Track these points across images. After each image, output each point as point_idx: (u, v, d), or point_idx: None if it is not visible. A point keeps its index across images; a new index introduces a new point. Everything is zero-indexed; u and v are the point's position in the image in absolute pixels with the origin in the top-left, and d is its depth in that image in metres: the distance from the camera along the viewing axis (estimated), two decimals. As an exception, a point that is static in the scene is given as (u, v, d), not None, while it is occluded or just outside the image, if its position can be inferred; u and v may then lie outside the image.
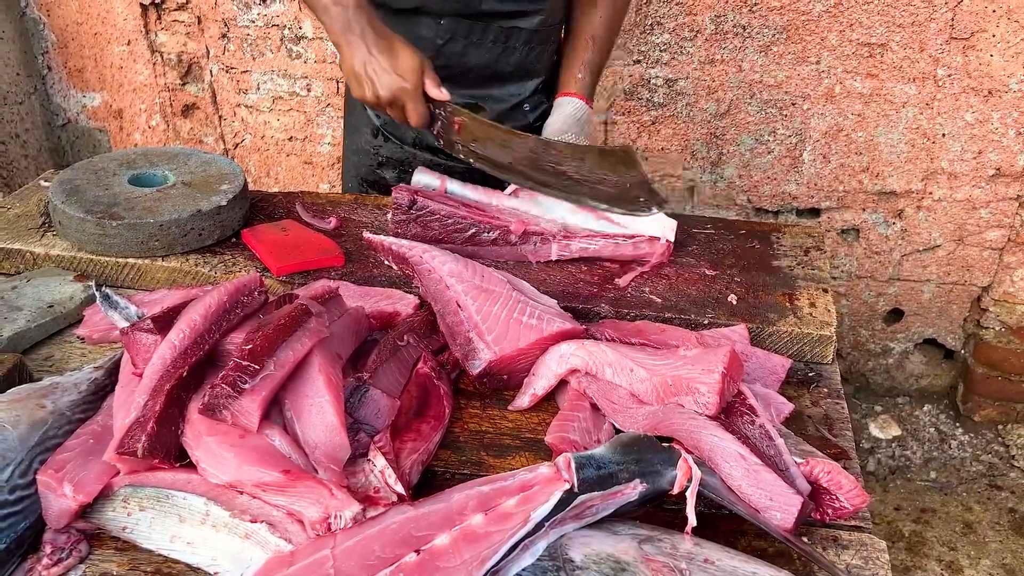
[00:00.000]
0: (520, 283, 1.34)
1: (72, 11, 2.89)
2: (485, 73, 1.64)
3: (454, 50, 1.60)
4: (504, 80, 1.66)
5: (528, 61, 1.66)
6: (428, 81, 1.42)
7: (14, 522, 0.95)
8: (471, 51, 1.61)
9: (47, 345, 1.32)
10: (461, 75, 1.62)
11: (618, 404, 1.13)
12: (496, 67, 1.64)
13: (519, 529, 0.87)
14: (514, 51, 1.63)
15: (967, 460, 2.80)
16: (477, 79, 1.65)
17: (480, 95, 1.66)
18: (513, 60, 1.64)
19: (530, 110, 1.73)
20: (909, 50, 2.45)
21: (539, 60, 1.68)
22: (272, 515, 0.93)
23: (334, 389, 1.03)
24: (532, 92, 1.70)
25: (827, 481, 1.00)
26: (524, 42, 1.63)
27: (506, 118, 1.69)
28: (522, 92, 1.69)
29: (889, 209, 2.69)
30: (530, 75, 1.69)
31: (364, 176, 1.85)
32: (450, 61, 1.60)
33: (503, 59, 1.63)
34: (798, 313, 1.36)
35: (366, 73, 1.40)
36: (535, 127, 1.73)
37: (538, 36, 1.63)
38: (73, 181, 1.55)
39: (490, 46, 1.61)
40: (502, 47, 1.61)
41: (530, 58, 1.66)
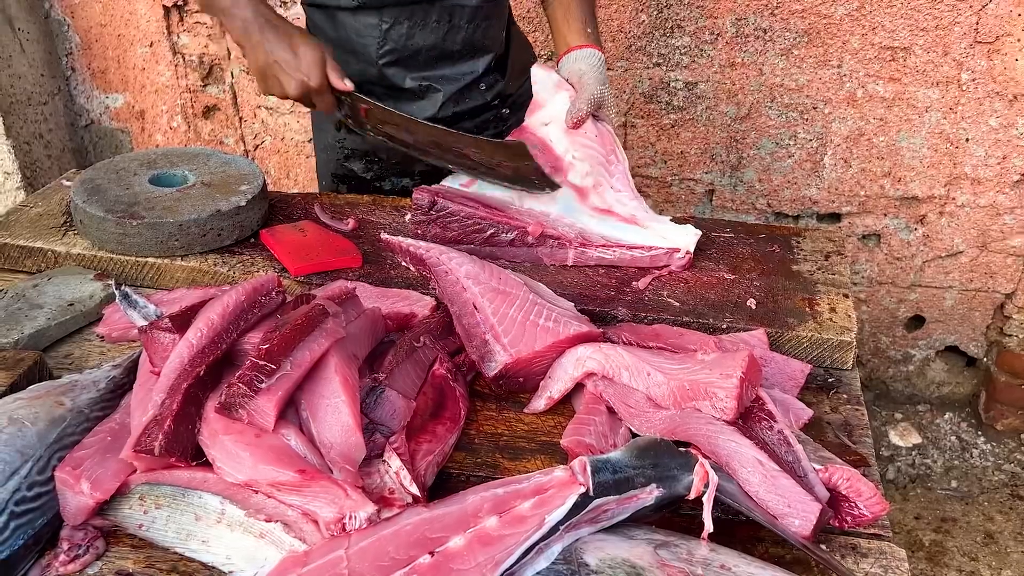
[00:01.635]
0: (537, 285, 1.34)
1: (96, 13, 2.92)
2: (433, 53, 1.66)
3: (400, 33, 1.62)
4: (454, 59, 1.68)
5: (475, 38, 1.67)
6: (332, 74, 1.48)
7: (32, 518, 0.96)
8: (416, 33, 1.62)
9: (67, 343, 1.33)
10: (410, 58, 1.64)
11: (635, 408, 1.12)
12: (444, 46, 1.65)
13: (534, 532, 0.86)
14: (459, 29, 1.64)
15: (989, 469, 2.76)
16: (427, 60, 1.66)
17: (432, 76, 1.67)
18: (460, 38, 1.65)
19: (486, 89, 1.73)
20: (933, 54, 2.43)
21: (486, 36, 1.68)
22: (287, 515, 0.93)
23: (350, 390, 1.03)
24: (485, 70, 1.71)
25: (846, 488, 0.99)
26: (468, 19, 1.64)
27: (463, 98, 1.71)
28: (475, 70, 1.70)
29: (911, 214, 2.66)
30: (480, 52, 1.69)
31: (334, 171, 1.86)
32: (397, 45, 1.63)
33: (449, 38, 1.64)
34: (818, 318, 1.34)
35: (272, 72, 1.47)
36: (492, 106, 1.75)
37: (481, 12, 1.65)
38: (94, 181, 1.56)
39: (434, 26, 1.62)
40: (447, 26, 1.63)
41: (477, 35, 1.67)
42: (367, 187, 1.84)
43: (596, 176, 1.50)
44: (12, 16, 2.79)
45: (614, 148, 1.51)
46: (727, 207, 2.76)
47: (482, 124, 1.77)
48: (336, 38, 1.65)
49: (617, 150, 1.52)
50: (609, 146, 1.51)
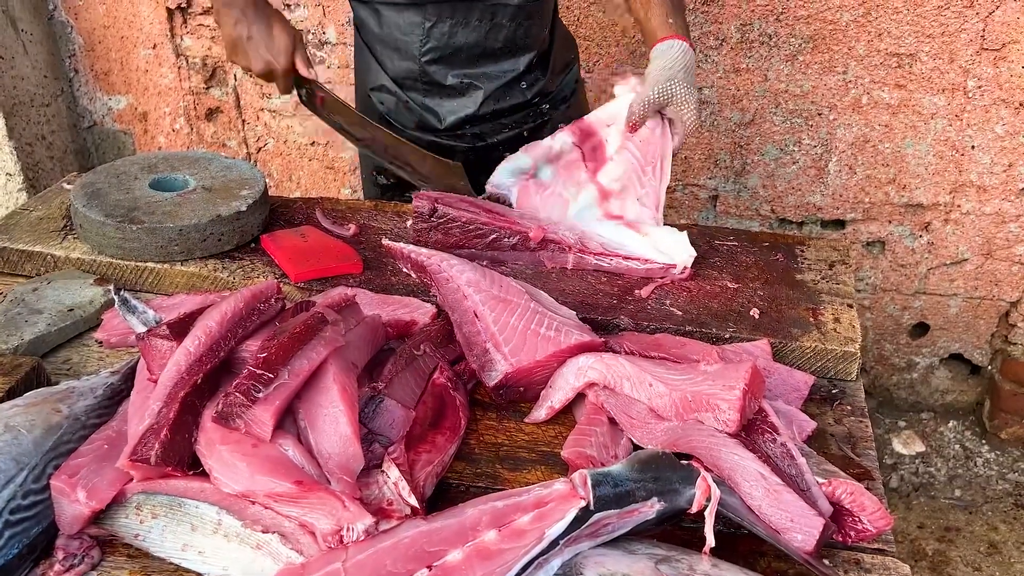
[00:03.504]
0: (539, 294, 1.33)
1: (99, 15, 2.91)
2: (475, 52, 1.67)
3: (442, 31, 1.64)
4: (496, 57, 1.69)
5: (517, 36, 1.67)
6: (299, 62, 1.54)
7: (27, 527, 0.95)
8: (459, 31, 1.64)
9: (66, 348, 1.32)
10: (452, 55, 1.66)
11: (636, 419, 1.11)
12: (486, 44, 1.66)
13: (533, 547, 0.85)
14: (501, 28, 1.65)
15: (993, 478, 2.74)
16: (468, 58, 1.67)
17: (473, 73, 1.69)
18: (502, 36, 1.66)
19: (527, 87, 1.74)
20: (939, 61, 2.42)
21: (528, 35, 1.68)
22: (284, 526, 0.92)
23: (348, 399, 1.02)
24: (526, 68, 1.71)
25: (850, 502, 0.97)
26: (511, 18, 1.65)
27: (503, 96, 1.72)
28: (516, 68, 1.71)
29: (916, 222, 2.65)
30: (522, 50, 1.70)
31: (375, 164, 1.86)
32: (440, 42, 1.65)
33: (491, 36, 1.65)
34: (822, 328, 1.33)
35: (243, 45, 1.53)
36: (533, 103, 1.75)
37: (523, 11, 1.65)
38: (95, 184, 1.55)
39: (476, 24, 1.63)
40: (489, 24, 1.64)
41: (519, 33, 1.67)
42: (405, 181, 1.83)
43: (625, 183, 1.49)
44: (16, 17, 2.79)
45: (657, 161, 1.49)
46: (731, 213, 2.75)
47: (521, 120, 1.78)
48: (380, 34, 1.68)
49: (662, 164, 1.49)
50: (652, 157, 1.48)
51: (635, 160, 1.48)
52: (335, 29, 2.74)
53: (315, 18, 2.75)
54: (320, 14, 2.74)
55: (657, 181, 1.50)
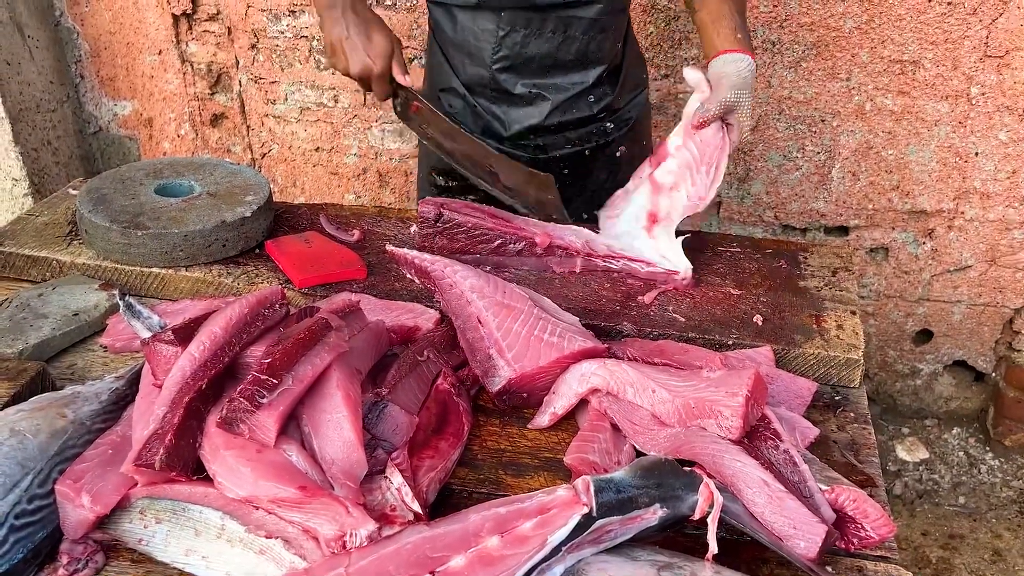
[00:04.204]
0: (542, 300, 1.33)
1: (105, 21, 2.93)
2: (546, 62, 1.67)
3: (515, 40, 1.64)
4: (566, 69, 1.68)
5: (589, 50, 1.67)
6: (395, 66, 1.54)
7: (32, 531, 0.95)
8: (531, 41, 1.64)
9: (71, 353, 1.32)
10: (523, 64, 1.66)
11: (639, 425, 1.12)
12: (557, 56, 1.66)
13: (536, 553, 0.85)
14: (574, 40, 1.65)
15: (997, 485, 2.74)
16: (539, 68, 1.68)
17: (543, 83, 1.69)
18: (573, 49, 1.66)
19: (594, 101, 1.73)
20: (942, 67, 2.42)
21: (600, 49, 1.68)
22: (287, 531, 0.93)
23: (352, 405, 1.03)
24: (595, 81, 1.71)
25: (853, 509, 0.97)
26: (583, 31, 1.64)
27: (570, 108, 1.71)
28: (585, 80, 1.70)
29: (919, 228, 2.64)
30: (592, 63, 1.69)
31: (435, 165, 1.87)
32: (511, 51, 1.65)
33: (563, 48, 1.65)
34: (825, 335, 1.33)
35: (342, 48, 1.53)
36: (598, 118, 1.75)
37: (598, 25, 1.65)
38: (100, 190, 1.56)
39: (549, 36, 1.63)
40: (562, 36, 1.64)
41: (591, 47, 1.67)
42: (466, 183, 1.82)
43: (679, 179, 1.50)
44: (22, 23, 2.80)
45: (715, 162, 1.50)
46: (734, 219, 2.75)
47: (585, 137, 1.77)
48: (454, 39, 1.69)
49: (718, 165, 1.50)
50: (709, 158, 1.49)
51: (692, 158, 1.49)
52: (340, 35, 2.75)
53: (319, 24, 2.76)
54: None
55: (709, 181, 1.50)
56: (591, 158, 1.79)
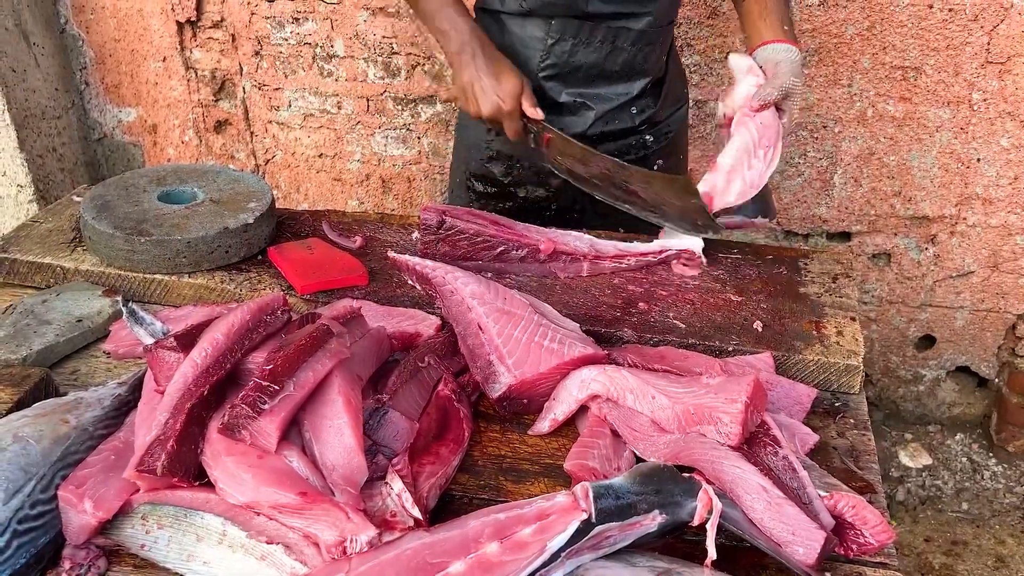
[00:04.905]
0: (542, 306, 1.34)
1: (110, 28, 2.95)
2: (593, 72, 1.68)
3: (563, 49, 1.65)
4: (612, 79, 1.69)
5: (636, 61, 1.68)
6: (526, 102, 1.57)
7: (35, 537, 0.96)
8: (579, 50, 1.65)
9: (74, 359, 1.33)
10: (570, 73, 1.67)
11: (639, 431, 1.12)
12: (604, 66, 1.67)
13: (535, 559, 0.86)
14: (622, 51, 1.66)
15: (1000, 492, 2.73)
16: (585, 78, 1.69)
17: (587, 93, 1.70)
18: (621, 60, 1.67)
19: (637, 113, 1.74)
20: (944, 74, 2.42)
21: (647, 60, 1.69)
22: (288, 537, 0.93)
23: (353, 411, 1.03)
24: (639, 93, 1.72)
25: (852, 516, 0.98)
26: (632, 43, 1.65)
27: (612, 118, 1.72)
28: (630, 92, 1.71)
29: (922, 234, 2.65)
30: (638, 75, 1.70)
31: (473, 170, 1.87)
32: (559, 60, 1.66)
33: (611, 58, 1.66)
34: (825, 342, 1.33)
35: (473, 91, 1.57)
36: (639, 130, 1.76)
37: (646, 37, 1.66)
38: (104, 197, 1.57)
39: (598, 46, 1.64)
40: (610, 47, 1.65)
41: (638, 58, 1.68)
42: (503, 190, 1.85)
43: (737, 160, 1.51)
44: (28, 31, 2.82)
45: (771, 146, 1.51)
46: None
47: (625, 148, 1.76)
48: (501, 44, 1.68)
49: (773, 151, 1.51)
50: (767, 141, 1.50)
51: (751, 139, 1.50)
52: (343, 42, 2.77)
53: (323, 32, 2.77)
54: (328, 27, 2.76)
55: (765, 165, 1.51)
56: None
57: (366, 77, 2.81)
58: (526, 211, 1.80)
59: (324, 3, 2.73)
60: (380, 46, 2.74)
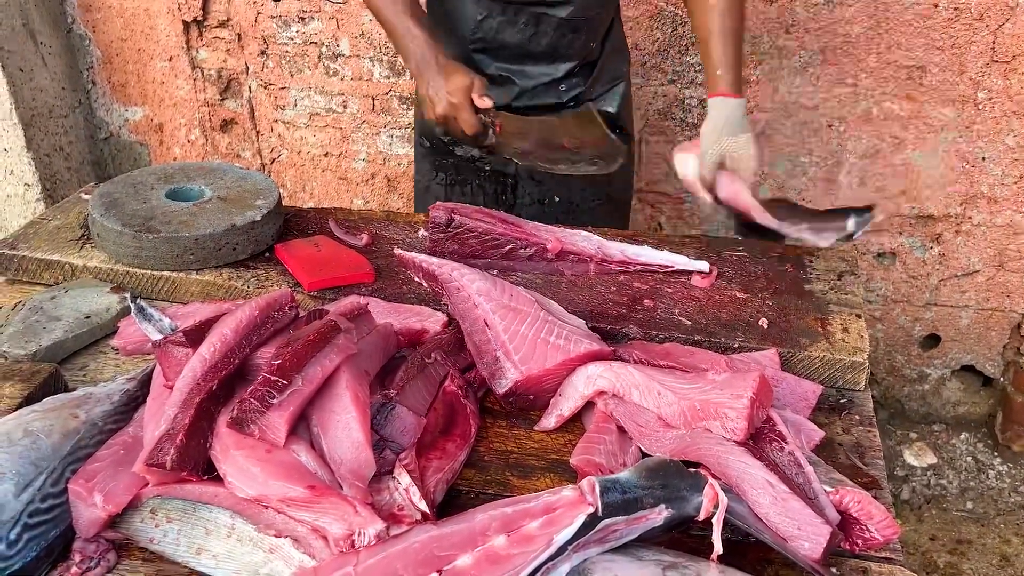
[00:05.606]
0: (548, 303, 1.34)
1: (117, 27, 2.96)
2: (518, 51, 1.76)
3: (491, 26, 1.73)
4: (537, 59, 1.77)
5: (560, 45, 1.75)
6: (475, 94, 1.61)
7: (45, 530, 0.96)
8: (506, 29, 1.73)
9: (83, 355, 1.34)
10: (498, 49, 1.76)
11: (645, 427, 1.12)
12: (528, 47, 1.75)
13: (542, 552, 0.86)
14: (544, 35, 1.73)
15: (1005, 491, 2.73)
16: (511, 55, 1.77)
17: (514, 69, 1.78)
18: (544, 43, 1.74)
19: (565, 91, 1.81)
20: (949, 73, 2.42)
21: (571, 47, 1.75)
22: (297, 530, 0.94)
23: (361, 406, 1.04)
24: (565, 75, 1.79)
25: (857, 511, 0.98)
26: (554, 28, 1.72)
27: (538, 95, 1.80)
28: (553, 73, 1.78)
29: (927, 233, 2.65)
30: (563, 59, 1.77)
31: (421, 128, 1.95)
32: (487, 35, 1.75)
33: (534, 40, 1.73)
34: (830, 338, 1.34)
35: (429, 96, 1.63)
36: (569, 107, 1.83)
37: (568, 25, 1.72)
38: (112, 194, 1.58)
39: (522, 27, 1.72)
40: (533, 30, 1.72)
41: (561, 43, 1.74)
42: (444, 148, 1.92)
43: None
44: (35, 30, 2.83)
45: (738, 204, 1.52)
46: (741, 224, 2.75)
47: None
48: (440, 13, 1.78)
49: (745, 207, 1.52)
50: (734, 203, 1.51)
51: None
52: (348, 41, 2.77)
53: (329, 31, 2.78)
54: (334, 26, 2.77)
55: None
56: None
57: (372, 76, 2.81)
58: (465, 168, 1.91)
59: (330, 2, 2.74)
60: (386, 45, 2.75)
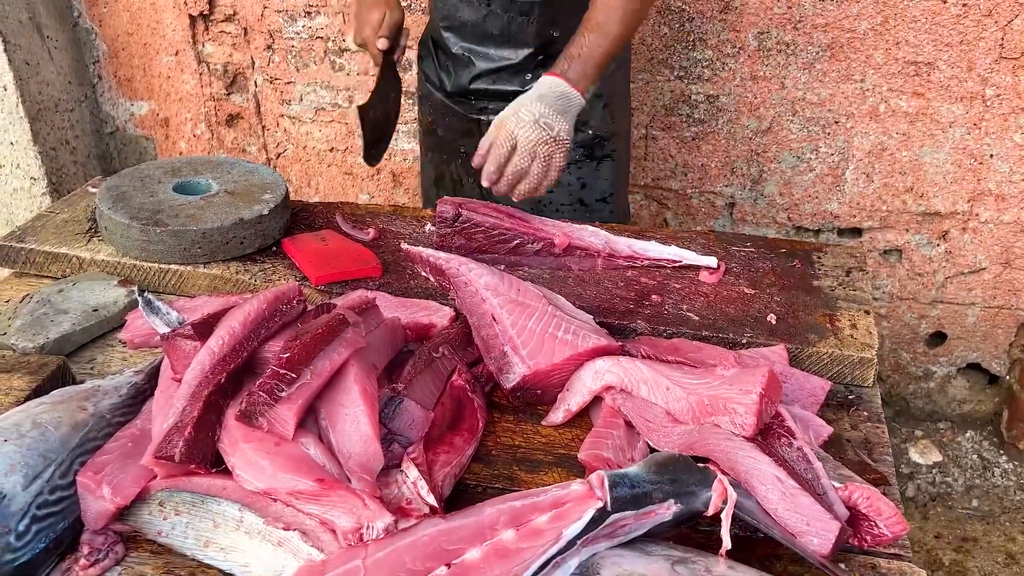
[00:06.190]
0: (556, 298, 1.34)
1: (123, 22, 2.96)
2: (476, 31, 1.80)
3: (452, 4, 1.79)
4: (497, 42, 1.80)
5: (512, 29, 1.77)
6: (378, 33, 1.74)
7: (53, 522, 0.96)
8: (462, 7, 1.78)
9: (90, 348, 1.34)
10: (459, 27, 1.82)
11: (653, 422, 1.12)
12: (483, 27, 1.78)
13: (551, 546, 0.86)
14: (496, 16, 1.76)
15: (1011, 489, 2.72)
16: (472, 34, 1.81)
17: (475, 49, 1.82)
18: (497, 24, 1.77)
19: (531, 79, 1.81)
20: (957, 69, 2.41)
21: (522, 31, 1.77)
22: (305, 523, 0.94)
23: (369, 399, 1.04)
24: (523, 61, 1.80)
25: (866, 507, 0.98)
26: (503, 9, 1.74)
27: (498, 79, 1.83)
28: (512, 58, 1.80)
29: (933, 230, 2.64)
30: (518, 44, 1.79)
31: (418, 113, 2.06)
32: (448, 13, 1.81)
33: (489, 21, 1.77)
34: (839, 335, 1.33)
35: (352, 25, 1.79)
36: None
37: (516, 7, 1.74)
38: (120, 188, 1.58)
39: (476, 6, 1.76)
40: (485, 9, 1.76)
41: (512, 27, 1.76)
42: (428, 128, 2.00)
43: None
44: (42, 24, 2.84)
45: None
46: (747, 220, 2.75)
47: None
48: None
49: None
50: None
51: None
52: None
53: (334, 26, 2.78)
54: (340, 21, 2.77)
55: None
56: None
57: (378, 71, 2.81)
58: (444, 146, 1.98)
59: (336, -3, 2.74)
60: (392, 40, 2.74)
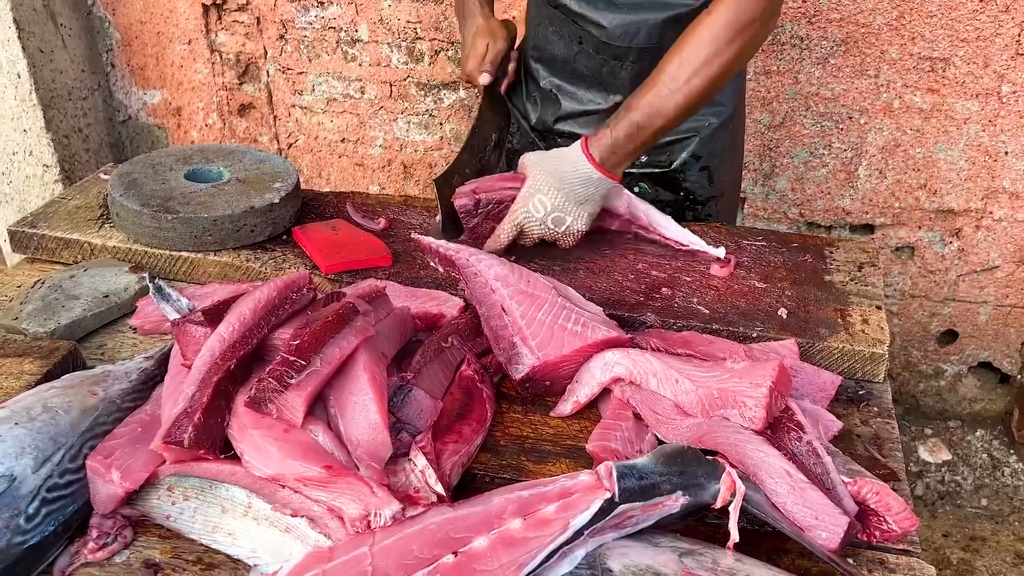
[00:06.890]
0: (566, 289, 1.33)
1: (136, 10, 2.96)
2: (567, 67, 1.69)
3: (543, 34, 1.71)
4: (587, 83, 1.68)
5: (602, 72, 1.64)
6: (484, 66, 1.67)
7: (63, 505, 0.97)
8: (554, 40, 1.68)
9: (101, 334, 1.34)
10: (550, 61, 1.72)
11: (662, 415, 1.12)
12: (574, 65, 1.67)
13: (558, 536, 0.86)
14: (588, 55, 1.64)
15: (1020, 488, 2.71)
16: (563, 70, 1.71)
17: (565, 88, 1.71)
18: (589, 64, 1.65)
19: None
20: (973, 65, 2.39)
21: (614, 76, 1.63)
22: (313, 510, 0.94)
23: (378, 387, 1.04)
24: (613, 108, 1.60)
25: (875, 502, 0.97)
26: (595, 49, 1.62)
27: (587, 124, 1.69)
28: (601, 104, 1.67)
29: (946, 228, 2.62)
30: (609, 88, 1.65)
31: None
32: (539, 44, 1.73)
33: (578, 59, 1.66)
34: (850, 329, 1.33)
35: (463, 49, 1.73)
36: None
37: (608, 49, 1.60)
38: (131, 175, 1.58)
39: (568, 41, 1.66)
40: (577, 47, 1.65)
41: (603, 70, 1.64)
42: None
43: None
44: (55, 12, 2.84)
45: None
46: (759, 215, 2.74)
47: None
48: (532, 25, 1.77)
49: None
50: None
51: None
52: (367, 27, 2.77)
53: (347, 16, 2.78)
54: (353, 12, 2.76)
55: None
56: None
57: (390, 62, 2.81)
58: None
59: (349, -13, 2.74)
60: (404, 31, 2.74)
